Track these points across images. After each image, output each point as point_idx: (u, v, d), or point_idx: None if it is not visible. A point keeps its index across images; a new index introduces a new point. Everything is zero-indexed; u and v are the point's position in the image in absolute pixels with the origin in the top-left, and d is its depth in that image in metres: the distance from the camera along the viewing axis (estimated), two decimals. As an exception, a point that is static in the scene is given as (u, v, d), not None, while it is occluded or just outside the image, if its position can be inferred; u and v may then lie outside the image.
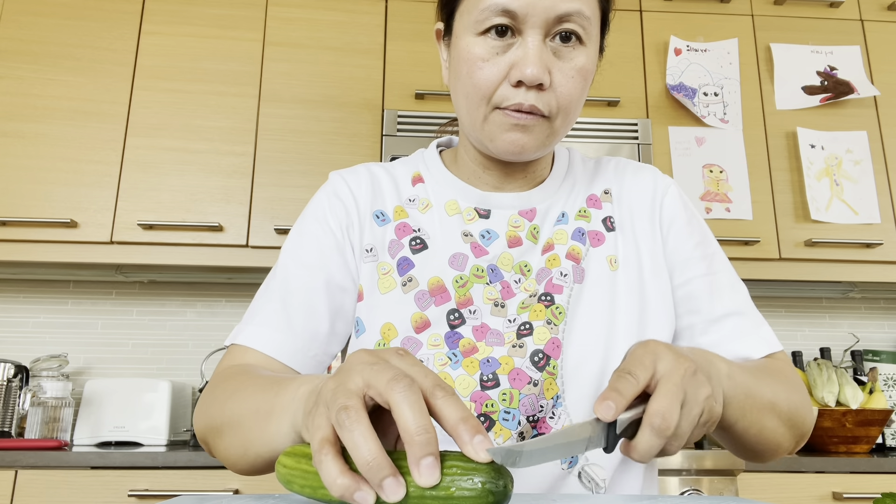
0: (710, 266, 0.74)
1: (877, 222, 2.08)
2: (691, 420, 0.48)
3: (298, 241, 0.75)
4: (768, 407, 0.62)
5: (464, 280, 0.70)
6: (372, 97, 2.06)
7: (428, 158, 0.81)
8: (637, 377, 0.47)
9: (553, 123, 0.68)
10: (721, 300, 0.73)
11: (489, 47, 0.66)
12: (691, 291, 0.73)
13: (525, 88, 0.65)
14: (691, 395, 0.48)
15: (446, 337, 0.68)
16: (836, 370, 1.97)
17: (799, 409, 0.67)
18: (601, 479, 0.65)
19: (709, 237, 0.77)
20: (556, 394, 0.66)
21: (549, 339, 0.67)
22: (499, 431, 0.65)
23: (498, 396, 0.65)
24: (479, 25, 0.66)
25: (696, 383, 0.49)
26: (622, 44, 2.19)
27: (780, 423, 0.64)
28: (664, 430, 0.45)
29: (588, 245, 0.73)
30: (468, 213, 0.75)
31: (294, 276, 0.72)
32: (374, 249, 0.73)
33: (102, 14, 2.04)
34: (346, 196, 0.76)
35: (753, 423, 0.61)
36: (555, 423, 0.65)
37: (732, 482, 1.65)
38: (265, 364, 0.67)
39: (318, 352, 0.70)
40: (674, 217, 0.76)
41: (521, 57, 0.64)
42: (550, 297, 0.69)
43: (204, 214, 1.94)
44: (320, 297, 0.71)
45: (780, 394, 0.64)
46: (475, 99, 0.67)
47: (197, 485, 1.58)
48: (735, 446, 0.66)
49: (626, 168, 0.80)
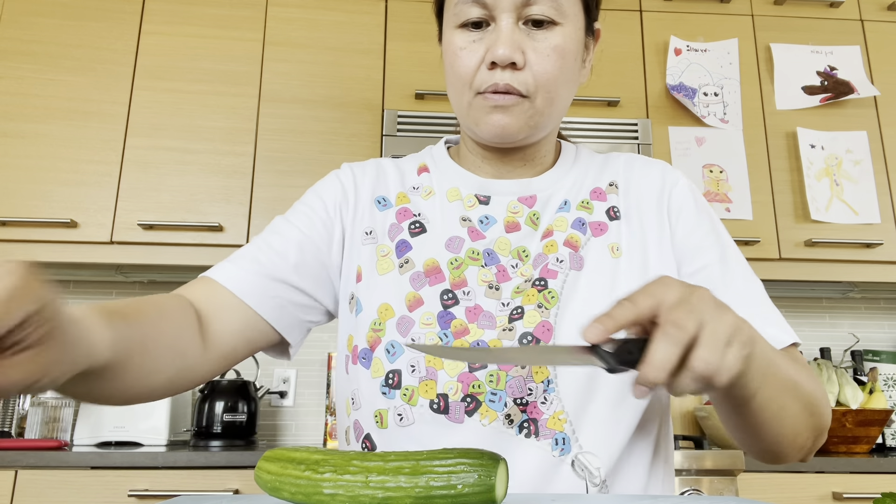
0: (721, 255, 0.72)
1: (877, 222, 2.08)
2: (715, 337, 0.44)
3: (293, 208, 0.79)
4: (790, 385, 0.59)
5: (459, 262, 0.71)
6: (372, 97, 2.06)
7: (435, 152, 0.83)
8: (637, 303, 0.45)
9: (534, 103, 0.69)
10: (733, 289, 0.69)
11: (467, 37, 0.69)
12: (704, 279, 0.71)
13: (500, 70, 0.67)
14: (711, 315, 0.44)
15: (439, 316, 0.68)
16: (836, 370, 1.97)
17: (819, 397, 0.64)
18: (595, 467, 0.64)
19: (720, 228, 0.75)
20: (547, 377, 0.65)
21: (540, 322, 0.67)
22: (485, 412, 0.64)
23: (485, 378, 0.65)
24: (457, 18, 0.70)
25: (719, 309, 0.46)
26: (622, 44, 2.19)
27: (801, 406, 0.61)
28: (680, 336, 0.42)
29: (588, 234, 0.72)
30: (469, 199, 0.76)
31: (275, 230, 0.75)
32: (374, 232, 0.75)
33: (102, 14, 2.04)
34: (347, 179, 0.79)
35: (774, 397, 0.57)
36: (546, 408, 0.65)
37: (732, 482, 1.65)
38: (228, 301, 0.68)
39: (278, 293, 0.70)
40: (682, 206, 0.75)
41: (493, 40, 0.67)
42: (544, 282, 0.69)
43: (204, 214, 1.94)
44: (291, 248, 0.73)
45: (802, 376, 0.62)
46: (458, 87, 0.71)
47: (197, 485, 1.58)
48: (750, 430, 0.61)
49: (634, 161, 0.80)
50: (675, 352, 0.43)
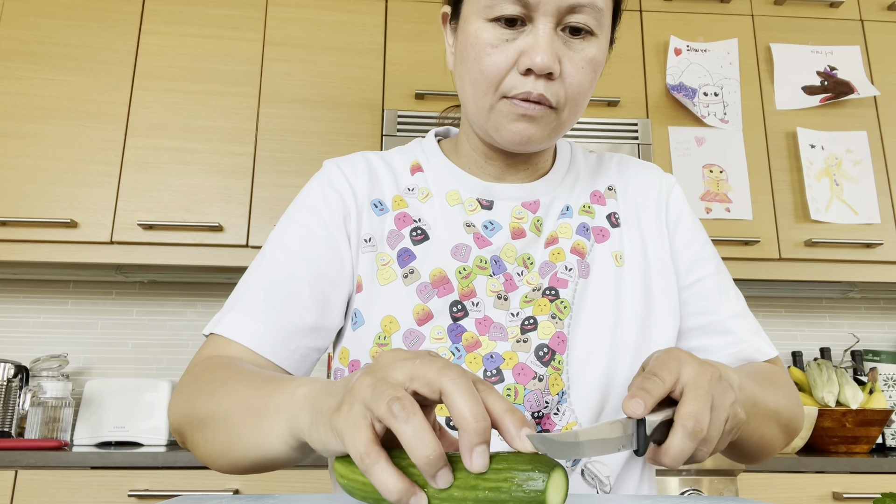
0: (717, 267, 0.75)
1: (877, 222, 2.08)
2: (719, 425, 0.48)
3: (286, 229, 0.71)
4: (771, 414, 0.62)
5: (467, 271, 0.69)
6: (372, 97, 2.06)
7: (427, 147, 0.78)
8: (664, 379, 0.47)
9: (560, 115, 0.66)
10: (729, 301, 0.73)
11: (498, 34, 0.64)
12: (701, 291, 0.73)
13: (534, 77, 0.63)
14: (718, 401, 0.48)
15: (449, 330, 0.66)
16: (836, 370, 1.96)
17: (796, 415, 0.68)
18: (605, 476, 0.65)
19: (708, 238, 0.78)
20: (562, 389, 0.65)
21: (555, 334, 0.66)
22: None
23: (502, 392, 0.64)
24: (490, 11, 0.63)
25: (722, 389, 0.49)
26: (622, 44, 2.18)
27: (779, 430, 0.65)
28: (697, 433, 0.45)
29: (593, 241, 0.72)
30: (470, 203, 0.73)
31: (279, 266, 0.68)
32: (373, 239, 0.71)
33: (102, 14, 2.04)
34: (342, 185, 0.73)
35: (756, 430, 0.61)
36: (559, 419, 0.64)
37: (732, 482, 1.65)
38: (246, 357, 0.64)
39: (299, 345, 0.66)
40: (680, 216, 0.76)
41: (531, 45, 0.62)
42: (555, 292, 0.68)
43: (204, 214, 1.94)
44: (304, 287, 0.67)
45: (782, 401, 0.65)
46: (482, 86, 0.65)
47: (197, 485, 1.58)
48: (733, 452, 0.66)
49: (629, 165, 0.80)
50: (692, 447, 0.46)
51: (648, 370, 0.49)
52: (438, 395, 0.38)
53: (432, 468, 0.37)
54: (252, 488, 1.60)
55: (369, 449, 0.37)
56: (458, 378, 0.38)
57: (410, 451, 0.37)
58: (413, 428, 0.36)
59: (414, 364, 0.39)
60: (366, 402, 0.38)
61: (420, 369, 0.39)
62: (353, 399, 0.39)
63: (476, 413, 0.37)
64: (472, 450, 0.37)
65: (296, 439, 0.46)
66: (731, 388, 0.50)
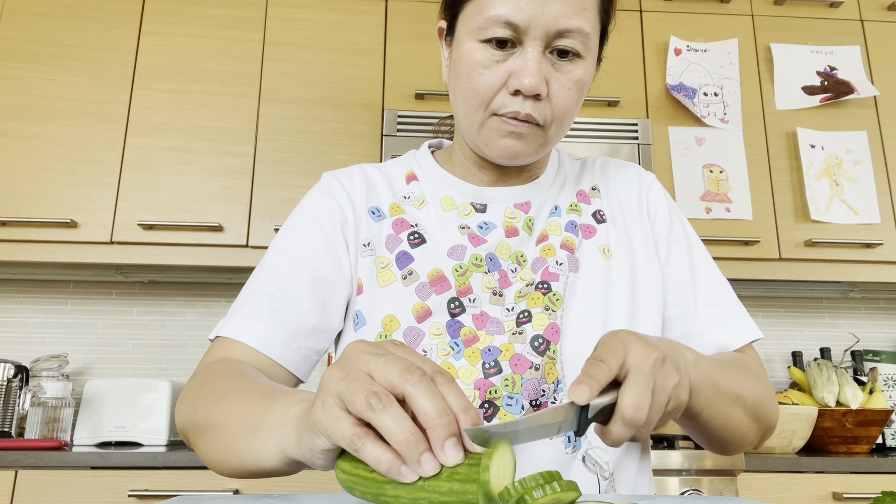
0: (691, 257, 0.78)
1: (877, 222, 2.08)
2: (659, 408, 0.50)
3: (286, 237, 0.75)
4: (734, 398, 0.64)
5: (463, 269, 0.72)
6: (372, 97, 2.06)
7: (420, 158, 0.82)
8: (609, 364, 0.49)
9: (547, 132, 0.70)
10: (702, 290, 0.76)
11: (490, 55, 0.67)
12: (675, 282, 0.76)
13: (522, 98, 0.66)
14: (660, 384, 0.50)
15: (447, 325, 0.69)
16: (836, 370, 1.96)
17: (764, 402, 0.69)
18: (605, 461, 0.67)
19: (689, 229, 0.81)
20: (557, 378, 0.67)
21: (549, 325, 0.69)
22: (503, 417, 0.66)
23: (500, 382, 0.66)
24: (482, 33, 0.67)
25: (665, 372, 0.51)
26: (622, 44, 2.18)
27: (745, 414, 0.66)
28: (636, 422, 0.48)
29: (581, 237, 0.76)
30: (464, 208, 0.77)
31: (280, 271, 0.72)
32: (372, 244, 0.74)
33: (102, 14, 2.04)
34: (340, 194, 0.76)
35: (719, 412, 0.63)
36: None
37: (732, 482, 1.65)
38: (251, 358, 0.67)
39: (301, 346, 0.69)
40: (658, 210, 0.79)
41: (520, 67, 0.66)
42: (547, 285, 0.71)
43: (204, 214, 1.94)
44: (305, 291, 0.70)
45: (746, 386, 0.66)
46: (473, 103, 0.69)
47: (197, 485, 1.58)
48: (701, 436, 0.68)
49: (609, 165, 0.84)
50: (630, 433, 0.49)
51: (595, 354, 0.51)
52: (402, 397, 0.40)
53: (414, 451, 0.39)
54: (252, 488, 1.60)
55: (356, 430, 0.40)
56: (419, 382, 0.40)
57: (391, 437, 0.39)
58: (391, 417, 0.39)
59: (378, 363, 0.41)
60: (341, 396, 0.41)
61: (384, 370, 0.41)
62: (324, 393, 0.42)
63: (439, 409, 0.39)
64: (442, 444, 0.39)
65: (287, 457, 0.49)
66: (675, 370, 0.53)
